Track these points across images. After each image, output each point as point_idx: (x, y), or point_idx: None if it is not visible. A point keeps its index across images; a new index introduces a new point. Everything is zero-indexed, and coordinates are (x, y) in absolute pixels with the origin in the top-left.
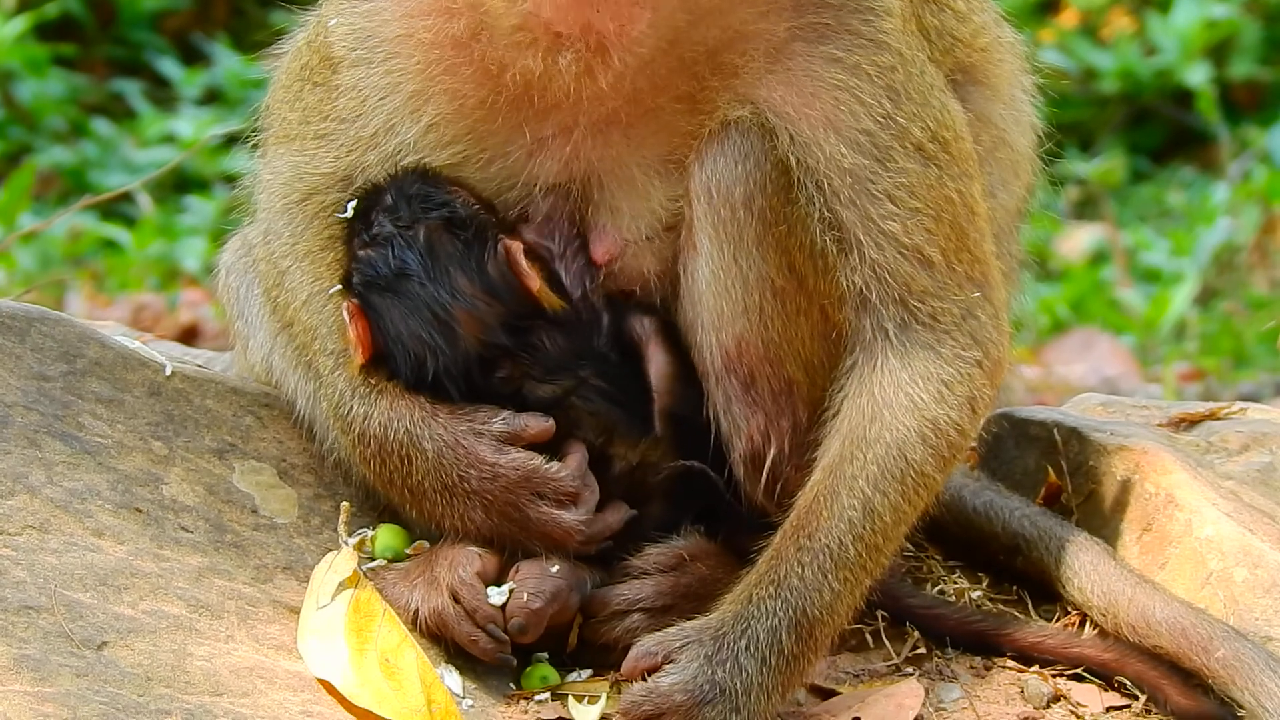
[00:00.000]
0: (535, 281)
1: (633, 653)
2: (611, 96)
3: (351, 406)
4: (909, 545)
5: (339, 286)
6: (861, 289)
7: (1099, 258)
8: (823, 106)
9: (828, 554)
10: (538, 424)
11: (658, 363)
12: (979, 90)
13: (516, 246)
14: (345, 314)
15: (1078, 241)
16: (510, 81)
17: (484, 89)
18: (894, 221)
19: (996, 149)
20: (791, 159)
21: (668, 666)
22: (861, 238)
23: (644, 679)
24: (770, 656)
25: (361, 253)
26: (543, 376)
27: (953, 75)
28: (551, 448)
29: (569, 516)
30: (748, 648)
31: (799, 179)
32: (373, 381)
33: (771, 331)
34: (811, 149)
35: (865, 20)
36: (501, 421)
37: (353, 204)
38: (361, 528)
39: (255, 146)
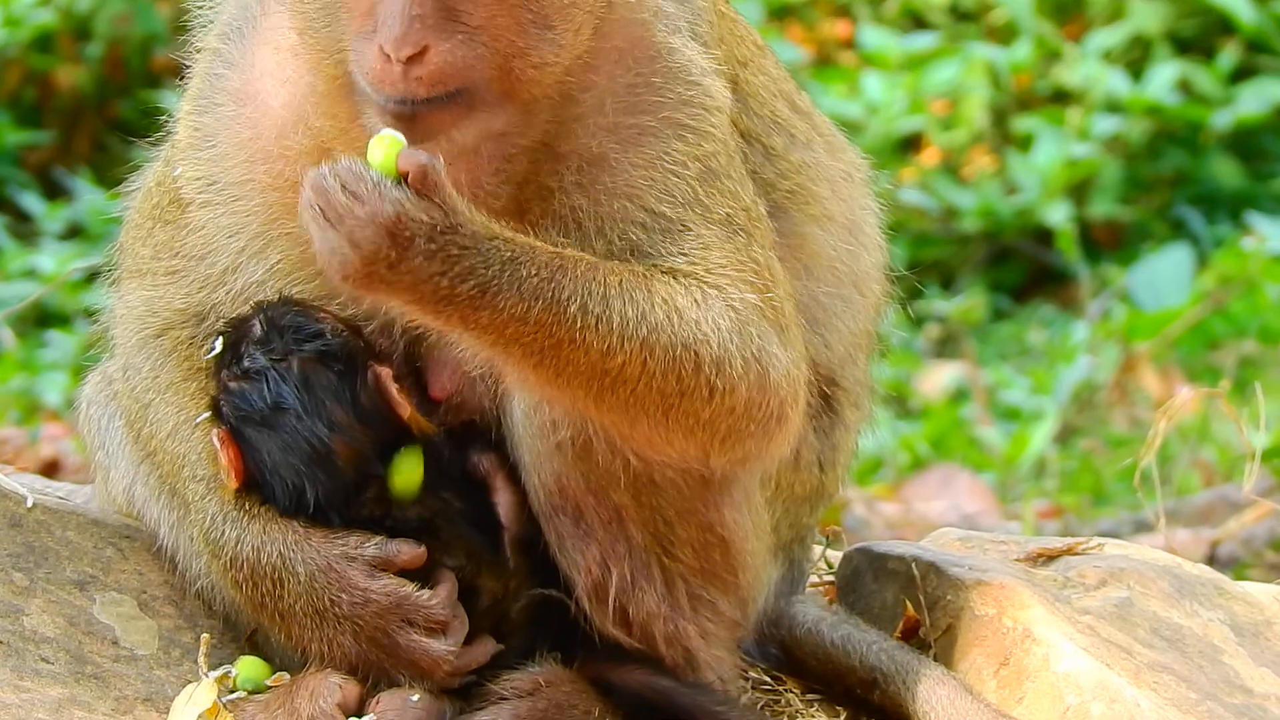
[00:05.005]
0: (406, 409)
1: None
2: None
3: (224, 531)
4: (767, 679)
5: (208, 414)
6: None
7: (959, 396)
8: (621, 208)
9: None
10: (410, 550)
11: (503, 497)
12: (805, 210)
13: (386, 373)
14: (215, 441)
15: (938, 379)
16: None
17: None
18: None
19: (834, 263)
20: None
21: None
22: None
23: None
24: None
25: (233, 384)
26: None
27: (782, 199)
28: (422, 576)
29: (438, 646)
30: None
31: None
32: (246, 506)
33: (589, 463)
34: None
35: (693, 114)
36: (374, 546)
37: (219, 340)
38: (222, 661)
39: (113, 282)
